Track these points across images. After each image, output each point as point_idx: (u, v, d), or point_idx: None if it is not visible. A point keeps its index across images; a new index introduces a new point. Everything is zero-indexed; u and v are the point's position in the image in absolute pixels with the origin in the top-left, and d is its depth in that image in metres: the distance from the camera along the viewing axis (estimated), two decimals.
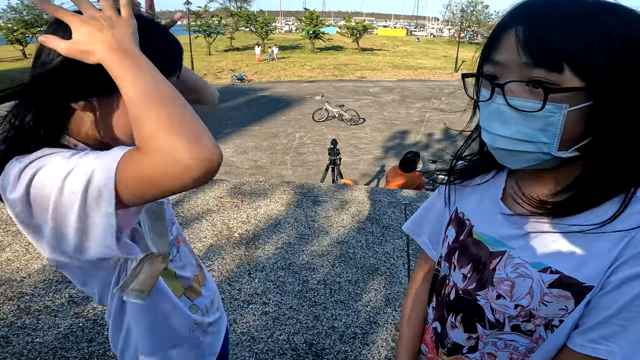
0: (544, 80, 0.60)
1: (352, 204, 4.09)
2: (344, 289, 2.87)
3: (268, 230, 3.57)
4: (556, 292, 0.68)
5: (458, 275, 0.81)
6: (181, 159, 0.60)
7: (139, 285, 0.80)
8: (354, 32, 40.56)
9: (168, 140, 0.61)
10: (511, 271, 0.72)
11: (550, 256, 0.69)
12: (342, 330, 2.49)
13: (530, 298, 0.70)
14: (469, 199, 0.85)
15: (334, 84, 24.09)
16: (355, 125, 14.57)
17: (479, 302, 0.77)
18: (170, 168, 0.60)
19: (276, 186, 4.45)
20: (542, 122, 0.62)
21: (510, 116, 0.64)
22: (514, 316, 0.72)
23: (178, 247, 1.04)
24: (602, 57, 0.58)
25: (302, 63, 32.61)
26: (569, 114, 0.61)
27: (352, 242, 3.43)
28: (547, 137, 0.63)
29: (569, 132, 0.63)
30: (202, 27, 35.82)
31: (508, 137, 0.65)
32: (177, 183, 0.62)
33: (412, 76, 28.31)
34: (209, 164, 0.62)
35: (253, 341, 2.38)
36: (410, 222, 1.03)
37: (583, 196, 0.67)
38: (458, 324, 0.81)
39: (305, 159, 11.20)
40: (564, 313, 0.68)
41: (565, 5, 0.61)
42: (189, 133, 0.62)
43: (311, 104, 17.32)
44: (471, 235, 0.81)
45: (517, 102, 0.63)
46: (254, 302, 2.71)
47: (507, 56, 0.64)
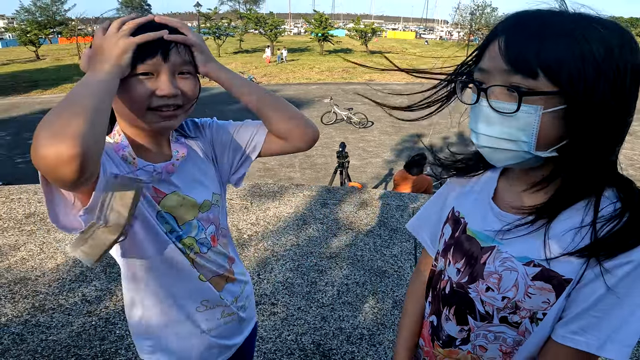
0: (521, 85, 0.67)
1: (360, 206, 4.12)
2: (352, 290, 2.90)
3: (277, 232, 3.61)
4: (539, 285, 0.74)
5: (453, 269, 0.88)
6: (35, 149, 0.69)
7: (86, 248, 0.89)
8: (363, 34, 40.60)
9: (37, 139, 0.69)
10: (499, 265, 0.79)
11: (533, 250, 0.75)
12: (349, 331, 2.52)
13: (515, 290, 0.77)
14: (466, 199, 0.92)
15: (343, 87, 24.12)
16: (363, 128, 14.58)
17: (470, 294, 0.84)
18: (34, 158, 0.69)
19: (285, 189, 4.49)
20: (521, 122, 0.69)
21: (493, 117, 0.71)
22: (502, 308, 0.79)
23: (213, 248, 1.11)
24: (574, 65, 0.64)
25: (311, 65, 32.67)
26: (544, 115, 0.67)
27: (360, 245, 3.46)
28: (526, 137, 0.69)
29: (546, 133, 0.69)
30: (211, 29, 36.05)
31: (492, 136, 0.73)
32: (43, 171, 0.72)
33: (422, 79, 28.19)
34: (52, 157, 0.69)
35: (262, 341, 2.42)
36: (413, 221, 1.10)
37: (561, 197, 0.74)
38: (451, 317, 0.88)
39: (313, 162, 11.23)
40: (546, 306, 0.74)
41: (546, 18, 0.68)
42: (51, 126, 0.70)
43: (320, 107, 17.36)
44: (465, 232, 0.88)
45: (497, 104, 0.70)
46: (262, 302, 2.74)
47: (491, 64, 0.71)
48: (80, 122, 0.70)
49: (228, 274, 1.16)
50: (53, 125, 0.69)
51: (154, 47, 0.89)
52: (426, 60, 38.39)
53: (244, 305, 1.22)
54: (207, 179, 1.11)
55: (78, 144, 0.68)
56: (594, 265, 0.69)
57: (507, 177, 0.86)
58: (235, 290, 1.19)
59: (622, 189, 0.73)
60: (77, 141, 0.68)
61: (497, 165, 0.80)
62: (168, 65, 0.91)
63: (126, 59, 0.85)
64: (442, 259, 0.93)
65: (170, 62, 0.91)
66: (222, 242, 1.15)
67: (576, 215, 0.73)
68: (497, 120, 0.71)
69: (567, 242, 0.72)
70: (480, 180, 0.92)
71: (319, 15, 38.22)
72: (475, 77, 0.76)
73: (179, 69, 0.94)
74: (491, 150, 0.74)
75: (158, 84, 0.91)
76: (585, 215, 0.72)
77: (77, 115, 0.71)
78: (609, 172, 0.73)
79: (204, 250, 1.09)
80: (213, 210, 1.11)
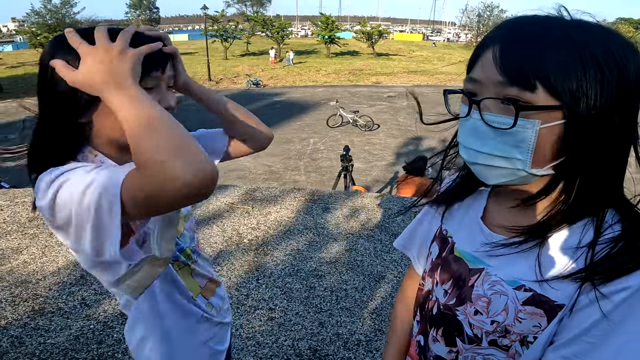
0: (517, 98, 0.62)
1: (361, 211, 4.11)
2: (350, 296, 2.89)
3: (277, 237, 3.61)
4: (530, 310, 0.70)
5: (440, 290, 0.84)
6: (176, 177, 0.65)
7: (134, 282, 0.87)
8: (370, 37, 40.59)
9: (163, 161, 0.66)
10: (488, 288, 0.75)
11: (524, 274, 0.71)
12: (346, 337, 2.52)
13: (505, 314, 0.72)
14: (454, 217, 0.88)
15: (349, 89, 24.12)
16: (369, 131, 14.56)
17: (458, 317, 0.79)
18: (167, 185, 0.66)
19: (287, 193, 4.49)
20: (515, 138, 0.64)
21: (485, 132, 0.66)
22: (491, 332, 0.75)
23: (199, 254, 1.15)
24: (575, 78, 0.60)
25: (318, 68, 32.70)
26: (541, 130, 0.62)
27: (361, 250, 3.46)
28: (521, 154, 0.64)
29: (543, 149, 0.64)
30: (219, 32, 36.23)
31: (483, 152, 0.67)
32: (175, 199, 0.68)
33: (428, 82, 28.17)
34: (203, 180, 0.67)
35: (258, 346, 2.42)
36: (401, 238, 1.05)
37: (555, 219, 0.69)
38: (439, 338, 0.83)
39: (318, 165, 11.24)
40: (537, 330, 0.70)
41: (544, 25, 0.63)
42: (182, 153, 0.68)
43: (326, 110, 17.36)
44: (453, 252, 0.83)
45: (490, 118, 0.65)
46: (260, 307, 2.75)
47: (484, 74, 0.66)
48: (190, 139, 0.70)
49: (215, 277, 1.20)
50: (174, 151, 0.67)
51: (156, 60, 0.84)
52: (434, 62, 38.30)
53: (228, 307, 1.27)
54: None
55: (206, 159, 0.69)
56: (589, 290, 0.65)
57: (497, 195, 0.81)
58: (222, 293, 1.22)
59: (622, 211, 0.68)
60: (205, 157, 0.69)
61: (488, 183, 0.74)
62: (165, 77, 0.88)
63: (139, 73, 0.78)
64: (429, 278, 0.88)
65: (166, 75, 0.89)
66: (201, 246, 1.18)
67: (571, 236, 0.68)
68: (489, 135, 0.66)
69: (560, 265, 0.68)
70: (468, 197, 0.87)
71: (325, 17, 38.28)
72: (466, 88, 0.70)
73: (169, 82, 0.92)
74: (482, 167, 0.69)
75: (158, 97, 0.86)
76: (582, 238, 0.67)
77: (187, 136, 0.70)
78: (611, 193, 0.67)
79: (196, 258, 1.12)
80: (191, 219, 1.15)
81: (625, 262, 0.63)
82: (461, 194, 0.87)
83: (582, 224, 0.68)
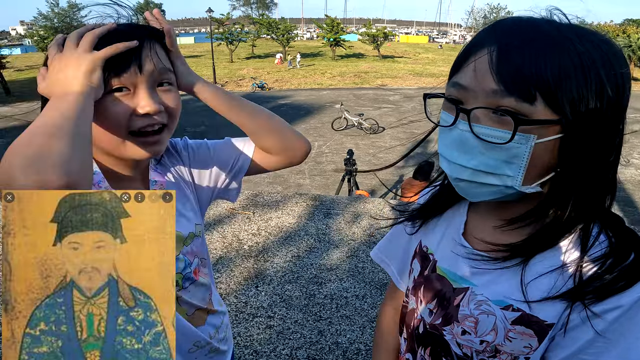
0: (514, 111, 0.57)
1: (364, 216, 4.08)
2: (351, 303, 2.87)
3: (278, 243, 3.60)
4: (519, 329, 0.67)
5: (425, 309, 0.81)
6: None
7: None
8: (375, 39, 40.58)
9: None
10: (474, 308, 0.72)
11: (511, 293, 0.68)
12: (345, 345, 2.49)
13: (495, 334, 0.70)
14: (433, 232, 0.84)
15: (354, 92, 24.12)
16: (374, 134, 14.54)
17: (445, 337, 0.77)
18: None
19: (289, 198, 4.48)
20: (508, 153, 0.59)
21: (474, 145, 0.61)
22: (481, 350, 0.72)
23: (195, 281, 1.04)
24: (576, 87, 0.56)
25: (323, 71, 32.75)
26: (536, 146, 0.58)
27: (362, 256, 3.43)
28: (512, 170, 0.60)
29: (535, 165, 0.60)
30: (224, 35, 36.39)
31: (470, 167, 0.62)
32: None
33: (434, 84, 28.08)
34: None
35: (256, 355, 2.40)
36: (378, 250, 1.00)
37: (542, 236, 0.66)
38: (427, 357, 0.81)
39: (323, 168, 11.23)
40: (528, 351, 0.68)
41: (542, 28, 0.59)
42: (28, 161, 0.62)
43: (331, 113, 17.36)
44: (435, 271, 0.80)
45: (483, 131, 0.60)
46: (259, 315, 2.73)
47: (475, 80, 0.60)
48: (62, 148, 0.61)
49: (209, 306, 1.10)
50: (30, 152, 0.59)
51: (125, 58, 0.77)
52: (439, 64, 38.21)
53: (225, 337, 1.17)
54: (186, 208, 1.02)
55: (63, 172, 0.59)
56: (580, 310, 0.62)
57: (478, 210, 0.78)
58: (216, 322, 1.13)
59: (610, 227, 0.65)
60: (62, 170, 0.59)
61: (471, 200, 0.70)
62: (145, 76, 0.79)
63: (97, 77, 0.72)
64: (413, 297, 0.85)
65: (146, 73, 0.79)
66: (203, 272, 1.07)
67: (558, 254, 0.66)
68: (478, 150, 0.61)
69: (548, 284, 0.65)
70: (447, 211, 0.83)
71: (330, 20, 38.37)
72: (449, 93, 0.65)
73: (158, 79, 0.82)
74: (467, 184, 0.65)
75: (137, 100, 0.79)
76: (568, 255, 0.65)
77: (58, 140, 0.61)
78: (597, 208, 0.64)
79: (186, 285, 1.01)
80: (195, 241, 1.04)
81: (615, 280, 0.61)
82: (439, 208, 0.84)
83: (569, 241, 0.66)
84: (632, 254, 0.62)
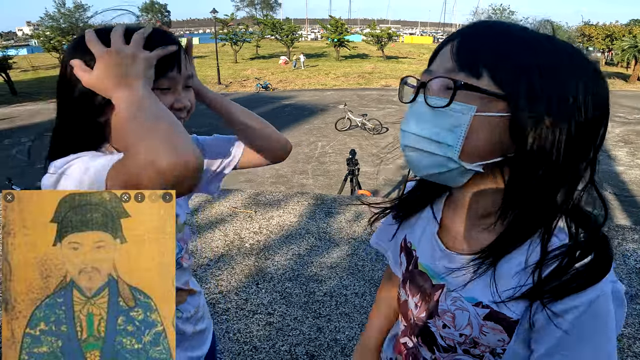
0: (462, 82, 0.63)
1: (364, 215, 4.11)
2: (350, 301, 2.89)
3: (279, 241, 3.63)
4: (490, 325, 0.70)
5: (412, 302, 0.85)
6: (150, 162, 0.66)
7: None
8: (379, 39, 40.57)
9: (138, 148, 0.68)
10: (450, 304, 0.75)
11: (481, 291, 0.71)
12: (344, 342, 2.52)
13: (470, 328, 0.73)
14: (415, 227, 0.87)
15: (358, 93, 24.13)
16: (378, 135, 14.56)
17: (431, 329, 0.80)
18: (142, 172, 0.66)
19: (290, 197, 4.51)
20: (451, 121, 0.64)
21: (426, 114, 0.66)
22: (461, 342, 0.76)
23: (180, 265, 1.11)
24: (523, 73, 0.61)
25: (327, 71, 32.78)
26: (477, 118, 0.62)
27: (362, 255, 3.46)
28: (452, 139, 0.64)
29: (476, 140, 0.63)
30: (228, 35, 36.46)
31: (419, 135, 0.67)
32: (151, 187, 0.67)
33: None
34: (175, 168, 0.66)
35: (255, 351, 2.44)
36: (376, 236, 1.03)
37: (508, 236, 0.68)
38: (421, 344, 0.85)
39: (326, 169, 11.26)
40: (502, 344, 0.71)
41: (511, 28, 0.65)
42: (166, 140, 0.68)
43: (334, 113, 17.39)
44: (417, 267, 0.83)
45: (434, 101, 0.65)
46: (259, 312, 2.76)
47: (437, 64, 0.68)
48: (182, 133, 0.70)
49: (188, 287, 1.17)
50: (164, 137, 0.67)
51: (171, 60, 0.86)
52: None
53: (203, 315, 1.24)
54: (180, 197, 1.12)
55: (197, 154, 0.68)
56: (542, 309, 0.64)
57: (451, 207, 0.80)
58: (195, 302, 1.20)
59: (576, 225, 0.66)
60: (195, 152, 0.68)
61: (418, 175, 0.73)
62: (182, 77, 0.90)
63: (152, 74, 0.80)
64: (403, 290, 0.89)
65: (183, 75, 0.90)
66: (185, 257, 1.15)
67: (523, 252, 0.67)
68: (428, 118, 0.66)
69: (512, 284, 0.67)
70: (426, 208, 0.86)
71: (334, 20, 38.36)
72: (421, 80, 0.72)
73: (187, 82, 0.93)
74: (414, 151, 0.69)
75: (174, 97, 0.89)
76: (530, 255, 0.66)
77: (177, 126, 0.71)
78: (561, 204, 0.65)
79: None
80: (186, 229, 1.12)
81: (569, 281, 0.62)
82: (419, 204, 0.86)
83: (535, 239, 0.67)
84: (592, 254, 0.63)
